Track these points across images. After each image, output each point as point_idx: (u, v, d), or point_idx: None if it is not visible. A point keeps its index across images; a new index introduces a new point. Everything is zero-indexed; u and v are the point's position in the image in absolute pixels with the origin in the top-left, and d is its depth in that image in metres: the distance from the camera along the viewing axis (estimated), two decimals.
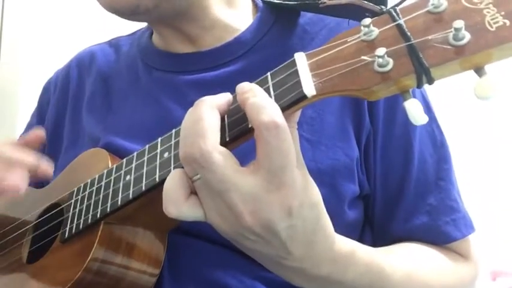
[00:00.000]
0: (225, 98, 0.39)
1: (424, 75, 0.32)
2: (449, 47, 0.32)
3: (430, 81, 0.32)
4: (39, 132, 0.58)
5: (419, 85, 0.33)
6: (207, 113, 0.36)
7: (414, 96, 0.33)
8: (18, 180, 0.49)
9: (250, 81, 0.56)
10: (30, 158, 0.53)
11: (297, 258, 0.38)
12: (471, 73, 0.33)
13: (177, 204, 0.36)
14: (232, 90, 0.57)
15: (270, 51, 0.58)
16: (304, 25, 0.59)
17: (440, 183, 0.56)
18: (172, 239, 0.50)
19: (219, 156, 0.34)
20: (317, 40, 0.57)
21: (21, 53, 1.17)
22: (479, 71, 0.32)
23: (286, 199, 0.35)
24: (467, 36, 0.31)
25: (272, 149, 0.34)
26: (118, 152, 0.53)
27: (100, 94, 0.63)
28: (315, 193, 0.38)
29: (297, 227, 0.36)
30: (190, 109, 0.38)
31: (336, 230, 0.41)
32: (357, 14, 0.43)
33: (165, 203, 0.36)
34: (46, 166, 0.54)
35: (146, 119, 0.57)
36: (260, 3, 0.63)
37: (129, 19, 0.56)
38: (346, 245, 0.42)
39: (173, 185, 0.36)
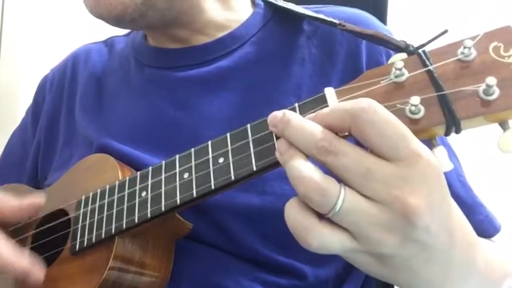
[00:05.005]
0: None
1: (454, 126, 0.33)
2: (478, 100, 0.33)
3: (458, 131, 0.34)
4: (37, 204, 0.50)
5: (447, 134, 0.34)
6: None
7: None
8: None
9: (243, 77, 0.56)
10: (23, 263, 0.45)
11: (459, 246, 0.34)
12: None
13: (314, 231, 0.31)
14: (224, 86, 0.58)
15: (264, 46, 0.58)
16: (300, 23, 0.59)
17: (463, 180, 0.56)
18: None
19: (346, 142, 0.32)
20: (313, 39, 0.58)
21: (21, 53, 1.12)
22: (503, 124, 0.34)
23: (432, 166, 0.31)
24: (496, 92, 0.33)
25: (381, 125, 0.31)
26: (112, 154, 0.52)
27: (92, 93, 0.62)
28: None
29: (449, 198, 0.33)
30: None
31: None
32: (378, 42, 0.44)
33: (300, 238, 0.32)
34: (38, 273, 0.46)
35: (137, 118, 0.57)
36: (259, 2, 0.62)
37: (115, 26, 0.55)
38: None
39: (297, 215, 0.32)
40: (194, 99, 0.55)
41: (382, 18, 0.78)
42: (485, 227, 0.56)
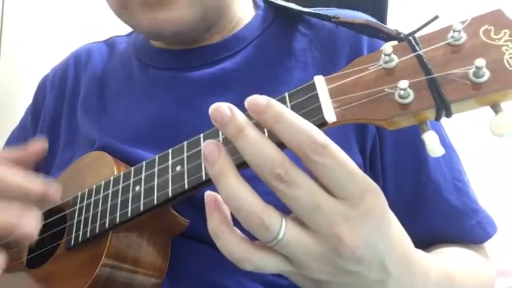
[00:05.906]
0: None
1: (444, 109, 0.33)
2: (468, 83, 0.33)
3: (449, 115, 0.33)
4: (41, 145, 0.49)
5: (437, 118, 0.34)
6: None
7: None
8: (34, 227, 0.40)
9: (246, 78, 0.56)
10: (38, 186, 0.43)
11: (395, 276, 0.36)
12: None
13: (251, 260, 0.34)
14: (228, 88, 0.58)
15: (267, 49, 0.58)
16: (303, 25, 0.59)
17: (458, 185, 0.56)
18: (173, 241, 0.51)
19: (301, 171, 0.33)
20: (315, 42, 0.58)
21: (21, 53, 1.14)
22: (495, 107, 0.33)
23: (376, 205, 0.33)
24: (486, 74, 0.32)
25: (333, 168, 0.32)
26: (114, 155, 0.53)
27: (94, 94, 0.62)
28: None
29: (390, 234, 0.35)
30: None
31: None
32: (370, 32, 0.44)
33: (237, 264, 0.34)
34: (54, 192, 0.44)
35: (141, 119, 0.57)
36: (260, 2, 0.63)
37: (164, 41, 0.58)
38: (422, 255, 0.42)
39: (236, 250, 0.34)
40: (198, 100, 0.56)
41: (382, 18, 0.78)
42: (475, 233, 0.56)
